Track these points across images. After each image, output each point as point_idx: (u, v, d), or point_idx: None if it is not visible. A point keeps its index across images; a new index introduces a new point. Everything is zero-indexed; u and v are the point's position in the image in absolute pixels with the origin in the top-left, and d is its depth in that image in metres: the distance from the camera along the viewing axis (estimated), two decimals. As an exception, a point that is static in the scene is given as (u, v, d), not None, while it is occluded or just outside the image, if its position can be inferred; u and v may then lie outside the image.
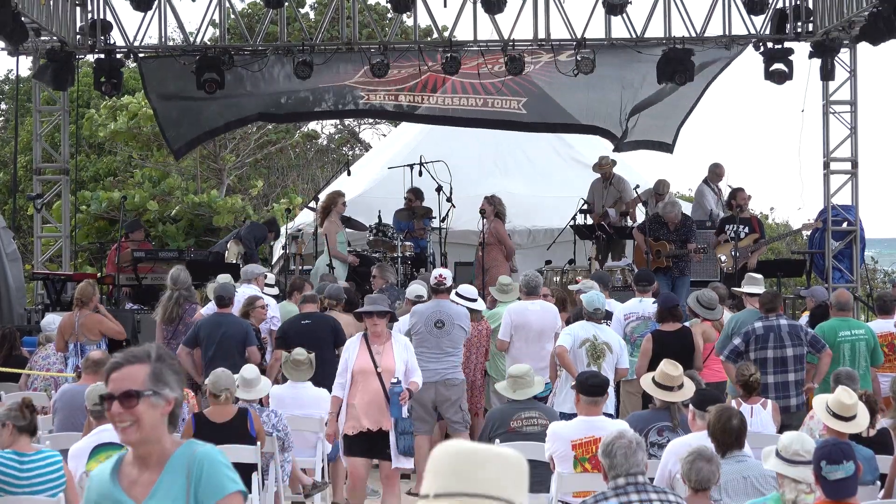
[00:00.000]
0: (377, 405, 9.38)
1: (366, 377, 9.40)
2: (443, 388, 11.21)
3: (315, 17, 28.13)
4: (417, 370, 9.67)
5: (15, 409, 7.25)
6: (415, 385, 9.59)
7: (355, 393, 9.42)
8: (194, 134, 18.34)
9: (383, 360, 9.42)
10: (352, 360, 9.47)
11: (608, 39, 16.82)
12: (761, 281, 11.97)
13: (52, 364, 12.72)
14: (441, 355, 11.24)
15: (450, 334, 11.24)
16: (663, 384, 8.54)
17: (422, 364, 11.25)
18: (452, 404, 11.28)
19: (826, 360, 10.49)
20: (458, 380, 11.34)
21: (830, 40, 16.19)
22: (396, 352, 9.50)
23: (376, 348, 9.46)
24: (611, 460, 5.95)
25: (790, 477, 5.90)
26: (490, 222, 15.35)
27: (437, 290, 11.41)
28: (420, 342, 11.24)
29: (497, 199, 15.50)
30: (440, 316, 11.23)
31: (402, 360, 9.49)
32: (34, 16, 15.56)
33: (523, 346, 11.48)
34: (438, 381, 11.22)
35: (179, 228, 26.80)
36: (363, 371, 9.42)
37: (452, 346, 11.29)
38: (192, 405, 9.63)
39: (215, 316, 11.54)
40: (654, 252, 15.04)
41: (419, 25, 18.11)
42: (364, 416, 9.39)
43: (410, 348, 9.76)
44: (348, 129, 35.55)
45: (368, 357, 9.42)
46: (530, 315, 11.60)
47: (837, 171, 17.08)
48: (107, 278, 16.31)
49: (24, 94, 23.81)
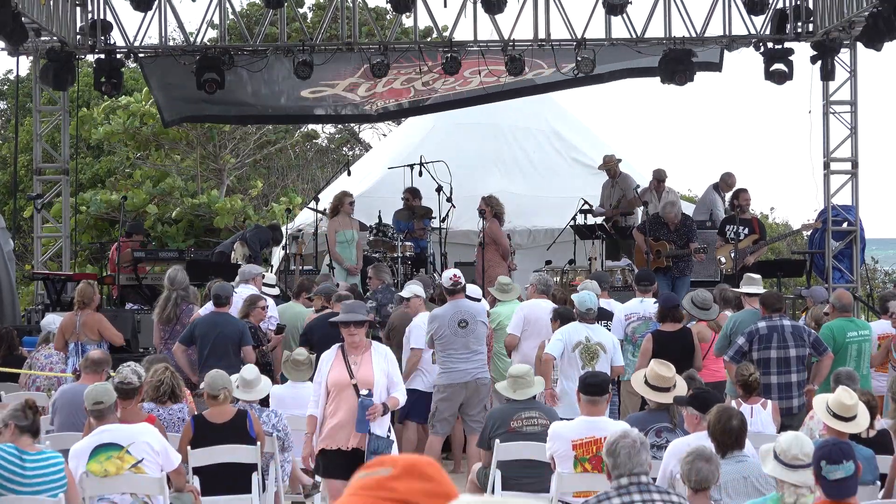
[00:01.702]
0: (353, 420, 8.56)
1: (341, 391, 8.59)
2: (474, 386, 11.26)
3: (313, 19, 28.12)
4: (401, 384, 8.83)
5: (18, 409, 7.26)
6: (394, 401, 8.68)
7: (331, 408, 8.63)
8: (190, 113, 18.46)
9: (360, 371, 8.59)
10: (325, 372, 8.69)
11: (608, 39, 16.82)
12: (759, 281, 11.97)
13: (55, 363, 12.73)
14: (469, 354, 11.26)
15: (475, 332, 11.28)
16: (657, 385, 8.54)
17: (451, 365, 11.26)
18: (480, 401, 11.33)
19: (827, 362, 10.49)
20: (487, 378, 11.41)
21: (830, 40, 16.19)
22: (376, 362, 8.64)
23: (353, 358, 8.63)
24: (614, 460, 5.97)
25: (791, 482, 5.89)
26: (487, 222, 15.38)
27: (453, 291, 11.41)
28: (446, 345, 11.24)
29: (494, 200, 15.50)
30: (462, 315, 11.25)
31: (383, 371, 8.64)
32: (34, 16, 15.56)
33: (533, 343, 11.48)
34: (470, 380, 11.25)
35: (179, 230, 26.81)
36: (338, 384, 8.60)
37: (478, 343, 11.34)
38: (190, 405, 9.63)
39: (212, 315, 11.54)
40: (654, 252, 15.04)
41: (419, 26, 18.10)
42: (341, 433, 8.58)
43: (392, 359, 8.86)
44: (348, 129, 35.55)
45: (344, 369, 8.61)
46: (541, 312, 11.61)
47: (837, 172, 17.09)
48: (107, 278, 16.32)
49: (25, 95, 23.82)
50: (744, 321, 10.90)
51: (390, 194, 17.62)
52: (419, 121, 21.40)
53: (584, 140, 20.34)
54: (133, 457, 7.75)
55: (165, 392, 9.16)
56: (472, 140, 19.43)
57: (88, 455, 7.74)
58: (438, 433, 11.40)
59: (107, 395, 8.02)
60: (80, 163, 26.95)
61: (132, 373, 8.38)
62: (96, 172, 29.31)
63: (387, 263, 15.37)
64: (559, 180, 19.16)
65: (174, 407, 9.21)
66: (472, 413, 11.30)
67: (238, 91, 17.73)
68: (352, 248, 15.39)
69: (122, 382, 8.26)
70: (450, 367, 11.28)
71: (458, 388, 11.25)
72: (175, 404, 9.22)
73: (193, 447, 8.66)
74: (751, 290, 11.44)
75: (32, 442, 7.27)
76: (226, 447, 8.72)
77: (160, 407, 9.11)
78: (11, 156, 25.76)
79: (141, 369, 8.54)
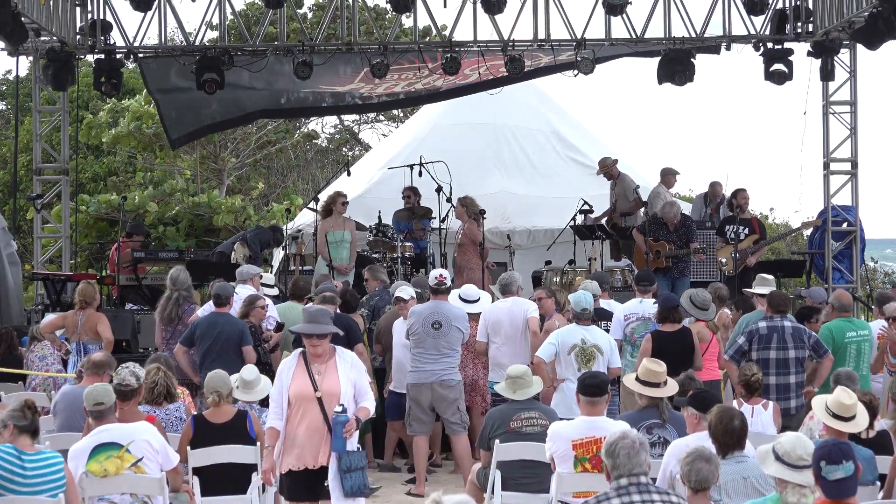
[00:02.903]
0: (318, 437, 7.90)
1: (305, 404, 7.90)
2: (439, 389, 11.25)
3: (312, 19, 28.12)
4: (369, 392, 8.11)
5: (17, 409, 7.26)
6: (365, 412, 8.02)
7: (292, 422, 7.93)
8: (194, 126, 18.39)
9: (325, 382, 7.91)
10: (287, 383, 7.97)
11: (608, 39, 16.81)
12: (772, 282, 11.95)
13: (49, 364, 12.73)
14: (438, 356, 11.27)
15: (447, 335, 11.27)
16: (646, 381, 8.55)
17: (419, 365, 11.30)
18: (450, 405, 11.30)
19: (828, 364, 10.48)
20: (454, 381, 11.36)
21: (830, 41, 16.19)
22: (341, 371, 7.97)
23: (317, 367, 7.94)
24: (614, 460, 5.97)
25: (797, 483, 5.88)
26: (464, 223, 15.39)
27: (436, 291, 11.43)
28: (418, 343, 11.29)
29: (469, 200, 15.48)
30: (438, 317, 11.26)
31: (349, 381, 7.96)
32: (34, 16, 15.56)
33: (500, 344, 11.54)
34: (435, 381, 11.26)
35: (180, 230, 26.81)
36: (301, 397, 7.90)
37: (449, 347, 11.32)
38: (188, 405, 9.64)
39: (212, 315, 11.55)
40: (653, 252, 15.05)
41: (419, 26, 18.10)
42: (303, 449, 7.93)
43: (360, 366, 8.19)
44: (348, 129, 35.56)
45: (307, 379, 7.91)
46: (501, 313, 11.65)
47: (837, 172, 17.08)
48: (107, 278, 16.32)
49: (25, 95, 23.81)
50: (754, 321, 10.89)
51: (390, 194, 17.63)
52: (419, 121, 21.43)
53: (584, 140, 20.35)
54: (133, 455, 7.75)
55: (160, 393, 9.18)
56: (472, 140, 19.43)
57: (88, 455, 7.74)
58: (416, 432, 11.41)
59: (107, 395, 8.02)
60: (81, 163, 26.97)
61: (130, 374, 8.37)
62: (96, 172, 29.32)
63: (386, 264, 15.39)
64: (559, 180, 19.17)
65: (170, 407, 9.22)
66: (446, 416, 11.34)
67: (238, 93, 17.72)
68: (342, 249, 15.35)
69: (121, 384, 8.26)
70: (418, 366, 11.33)
71: (424, 388, 11.27)
72: (171, 404, 9.23)
73: (193, 447, 8.66)
74: (764, 291, 11.42)
75: (32, 442, 7.27)
76: (225, 447, 8.71)
77: (156, 408, 9.11)
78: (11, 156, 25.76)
79: (140, 371, 8.54)
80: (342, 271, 15.08)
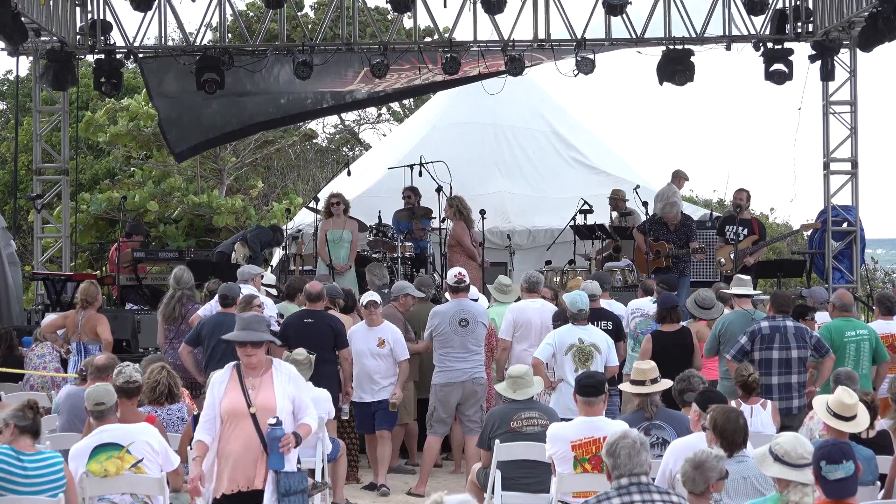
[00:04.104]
0: (252, 456, 7.24)
1: (237, 420, 7.24)
2: (471, 386, 11.27)
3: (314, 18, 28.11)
4: (310, 407, 7.48)
5: (19, 409, 7.26)
6: (306, 429, 7.36)
7: (224, 440, 7.28)
8: (197, 139, 18.40)
9: (259, 396, 7.26)
10: (219, 397, 7.32)
11: (608, 39, 16.82)
12: (749, 282, 11.96)
13: (47, 363, 12.72)
14: (467, 354, 11.28)
15: (474, 332, 11.29)
16: (636, 379, 8.59)
17: (448, 364, 11.25)
18: (475, 403, 11.33)
19: (829, 364, 10.47)
20: (483, 378, 11.41)
21: (830, 40, 16.19)
22: (278, 385, 7.32)
23: (251, 381, 7.29)
24: (614, 460, 5.97)
25: (800, 482, 5.87)
26: (452, 224, 15.36)
27: (456, 290, 11.41)
28: (444, 342, 11.25)
29: (457, 200, 15.35)
30: (464, 314, 11.26)
31: (287, 395, 7.32)
32: (34, 16, 15.57)
33: (528, 346, 11.42)
34: (466, 380, 11.26)
35: (180, 229, 26.81)
36: (232, 412, 7.25)
37: (477, 343, 11.34)
38: (189, 405, 9.63)
39: (219, 315, 11.55)
40: (653, 252, 15.05)
41: (419, 26, 18.11)
42: (235, 470, 7.26)
43: (299, 380, 7.52)
44: (348, 129, 35.55)
45: (240, 393, 7.27)
46: (531, 313, 11.59)
47: (837, 172, 17.08)
48: (107, 278, 16.31)
49: (25, 95, 23.81)
50: (733, 322, 10.89)
51: (390, 194, 17.62)
52: (419, 121, 21.42)
53: (584, 140, 20.35)
54: (133, 456, 7.75)
55: (162, 393, 9.16)
56: (472, 140, 19.43)
57: (88, 455, 7.73)
58: (437, 433, 11.40)
59: (108, 396, 8.02)
60: (81, 163, 26.97)
61: (135, 370, 8.38)
62: (96, 172, 29.31)
63: (386, 264, 15.38)
64: (559, 180, 19.17)
65: (172, 407, 9.21)
66: (468, 413, 11.31)
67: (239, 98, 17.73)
68: (340, 248, 15.32)
69: (128, 381, 8.25)
70: (447, 365, 11.29)
71: (455, 387, 11.26)
72: (173, 404, 9.22)
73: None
74: (740, 291, 11.43)
75: (32, 442, 7.26)
76: (226, 447, 8.70)
77: (157, 408, 9.10)
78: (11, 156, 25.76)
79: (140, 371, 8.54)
80: (339, 271, 15.08)
